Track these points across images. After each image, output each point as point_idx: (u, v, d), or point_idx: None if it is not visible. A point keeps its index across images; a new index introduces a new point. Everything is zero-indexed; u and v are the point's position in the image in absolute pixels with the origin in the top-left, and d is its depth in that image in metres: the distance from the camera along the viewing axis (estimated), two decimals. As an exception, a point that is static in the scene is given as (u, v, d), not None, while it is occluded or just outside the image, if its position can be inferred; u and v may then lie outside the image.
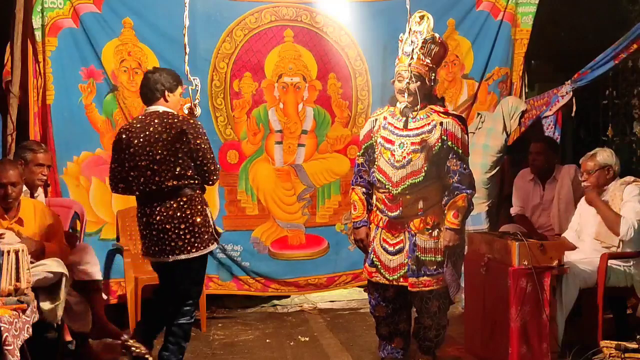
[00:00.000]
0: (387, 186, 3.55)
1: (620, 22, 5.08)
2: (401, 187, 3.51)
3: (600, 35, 5.05)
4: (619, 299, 4.22)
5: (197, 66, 4.62)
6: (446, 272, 3.55)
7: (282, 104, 5.20)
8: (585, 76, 4.91)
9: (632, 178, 4.11)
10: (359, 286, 5.40)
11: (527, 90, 5.69)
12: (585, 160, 4.17)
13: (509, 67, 5.53)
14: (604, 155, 4.13)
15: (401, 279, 3.58)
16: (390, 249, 3.60)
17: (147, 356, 3.52)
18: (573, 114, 5.11)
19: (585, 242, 4.16)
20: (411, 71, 3.51)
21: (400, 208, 3.53)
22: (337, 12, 5.17)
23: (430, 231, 3.54)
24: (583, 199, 4.24)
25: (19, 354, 2.97)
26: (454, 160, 3.53)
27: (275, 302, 5.33)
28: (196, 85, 3.61)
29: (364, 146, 3.72)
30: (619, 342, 3.33)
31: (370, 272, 3.68)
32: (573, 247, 4.18)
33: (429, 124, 3.55)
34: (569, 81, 5.01)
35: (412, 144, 3.52)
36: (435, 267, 3.55)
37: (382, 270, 3.62)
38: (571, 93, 5.02)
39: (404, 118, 3.59)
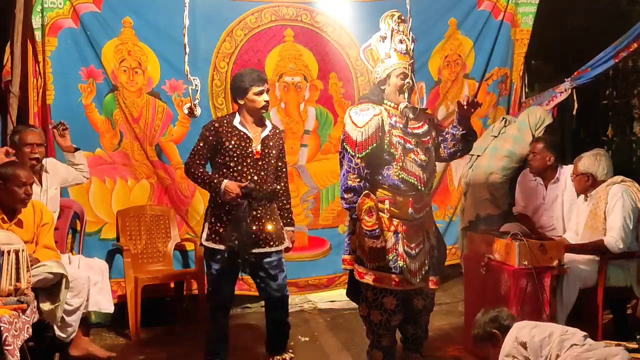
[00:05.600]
0: (418, 187, 3.42)
1: (620, 22, 5.07)
2: (428, 187, 3.51)
3: (600, 35, 5.04)
4: (619, 299, 4.21)
5: (197, 66, 4.63)
6: None
7: (284, 103, 5.19)
8: (585, 74, 4.91)
9: (619, 178, 4.05)
10: (359, 286, 5.40)
11: (527, 90, 5.69)
12: (575, 161, 4.18)
13: (509, 67, 5.53)
14: (586, 163, 4.07)
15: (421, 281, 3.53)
16: (412, 252, 3.46)
17: None
18: (574, 112, 5.11)
19: (583, 241, 4.14)
20: (410, 69, 3.44)
21: (426, 208, 3.52)
22: (337, 11, 5.18)
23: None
24: (579, 199, 4.23)
25: (19, 354, 2.97)
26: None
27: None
28: (196, 85, 3.60)
29: (370, 147, 3.37)
30: (619, 342, 3.32)
31: (399, 281, 3.41)
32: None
33: (425, 122, 3.52)
34: (569, 79, 5.01)
35: (424, 142, 3.47)
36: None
37: (408, 276, 3.42)
38: (570, 90, 5.02)
39: (405, 118, 3.54)
